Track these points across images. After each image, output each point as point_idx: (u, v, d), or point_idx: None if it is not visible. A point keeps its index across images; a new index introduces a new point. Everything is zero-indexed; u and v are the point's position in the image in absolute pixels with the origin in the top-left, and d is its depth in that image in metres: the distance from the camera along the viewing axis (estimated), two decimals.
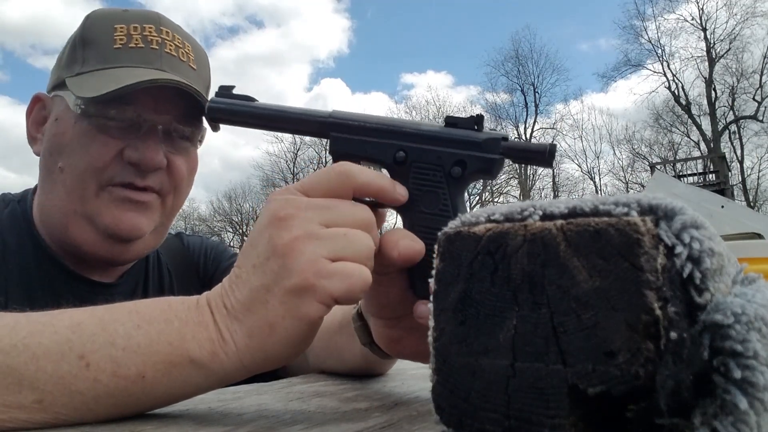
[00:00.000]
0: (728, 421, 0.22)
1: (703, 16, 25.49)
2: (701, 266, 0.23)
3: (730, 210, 3.97)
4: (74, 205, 0.73)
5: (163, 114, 0.74)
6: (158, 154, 0.73)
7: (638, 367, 0.22)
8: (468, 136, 0.49)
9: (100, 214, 0.72)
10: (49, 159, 0.75)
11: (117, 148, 0.72)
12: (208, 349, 0.40)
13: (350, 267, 0.40)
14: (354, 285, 0.40)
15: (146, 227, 0.75)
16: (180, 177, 0.77)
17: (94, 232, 0.73)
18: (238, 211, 28.82)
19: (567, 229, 0.24)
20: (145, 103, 0.72)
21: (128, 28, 0.75)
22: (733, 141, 24.87)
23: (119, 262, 0.79)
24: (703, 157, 23.94)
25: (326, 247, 0.40)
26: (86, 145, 0.72)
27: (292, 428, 0.39)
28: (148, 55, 0.74)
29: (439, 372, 0.27)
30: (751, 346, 0.22)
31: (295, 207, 0.42)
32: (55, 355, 0.38)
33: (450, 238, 0.28)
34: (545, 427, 0.23)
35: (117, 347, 0.39)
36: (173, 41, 0.77)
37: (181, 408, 0.46)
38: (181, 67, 0.76)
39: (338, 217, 0.42)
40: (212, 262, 0.95)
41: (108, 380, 0.38)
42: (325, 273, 0.39)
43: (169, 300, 0.43)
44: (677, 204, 0.24)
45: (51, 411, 0.38)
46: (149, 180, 0.74)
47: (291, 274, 0.39)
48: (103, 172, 0.72)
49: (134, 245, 0.76)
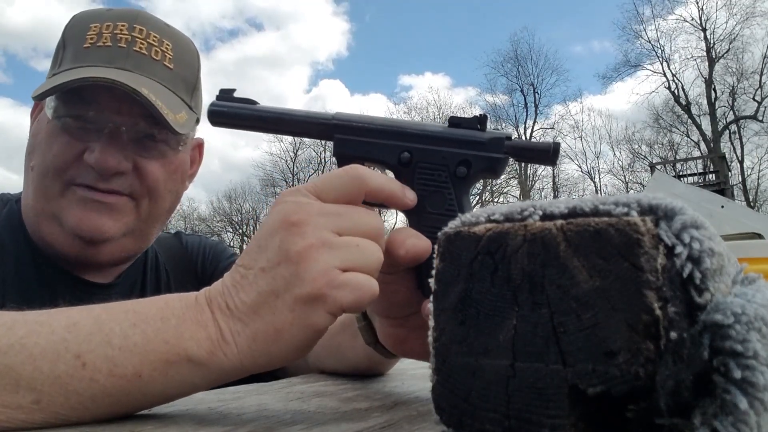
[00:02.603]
0: (728, 421, 0.22)
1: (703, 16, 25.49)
2: (701, 266, 0.23)
3: (730, 210, 3.97)
4: (41, 204, 0.72)
5: (126, 116, 0.72)
6: (115, 158, 0.70)
7: (638, 367, 0.22)
8: (472, 135, 0.50)
9: (64, 214, 0.71)
10: (27, 159, 0.75)
11: (78, 149, 0.71)
12: (206, 348, 0.40)
13: (361, 279, 0.40)
14: (363, 296, 0.40)
15: (111, 229, 0.73)
16: (153, 181, 0.75)
17: (62, 232, 0.72)
18: (238, 211, 28.82)
19: (567, 229, 0.24)
20: (107, 104, 0.71)
21: (101, 27, 0.73)
22: (733, 141, 24.87)
23: (93, 264, 0.77)
24: (703, 157, 23.94)
25: (339, 257, 0.40)
26: (51, 145, 0.71)
27: (292, 428, 0.39)
28: (112, 54, 0.72)
29: (439, 372, 0.27)
30: (751, 346, 0.22)
31: (307, 212, 0.41)
32: (52, 355, 0.38)
33: (450, 238, 0.28)
34: (545, 427, 0.23)
35: (113, 346, 0.39)
36: (146, 39, 0.75)
37: (181, 408, 0.46)
38: (151, 66, 0.74)
39: (351, 225, 0.42)
40: (211, 262, 0.94)
41: (105, 380, 0.38)
42: (336, 283, 0.39)
43: (167, 298, 0.42)
44: (677, 204, 0.24)
45: (49, 411, 0.38)
46: (113, 183, 0.72)
47: (303, 282, 0.39)
48: (65, 171, 0.71)
49: (105, 247, 0.74)
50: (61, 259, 0.77)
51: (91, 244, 0.73)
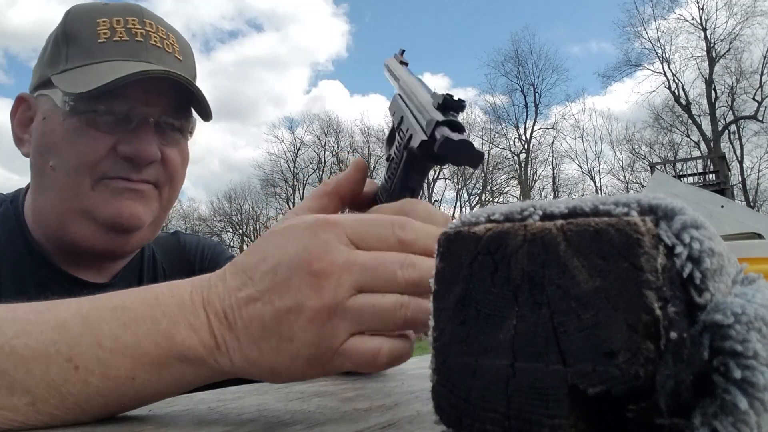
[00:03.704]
0: (728, 421, 0.22)
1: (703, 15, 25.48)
2: (701, 266, 0.23)
3: (730, 210, 3.96)
4: (69, 203, 0.72)
5: (153, 106, 0.73)
6: (152, 147, 0.72)
7: (638, 367, 0.22)
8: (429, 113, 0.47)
9: (99, 207, 0.72)
10: (40, 159, 0.74)
11: (109, 143, 0.71)
12: (199, 353, 0.39)
13: (369, 345, 0.38)
14: (365, 364, 0.39)
15: (146, 216, 0.75)
16: (174, 169, 0.77)
17: (94, 226, 0.72)
18: (238, 211, 28.83)
19: (567, 229, 0.24)
20: (135, 96, 0.72)
21: (111, 22, 0.74)
22: (733, 141, 24.88)
23: (118, 255, 0.79)
24: (703, 157, 23.94)
25: (355, 324, 0.38)
26: (76, 142, 0.71)
27: (292, 428, 0.39)
28: (133, 48, 0.73)
29: (439, 372, 0.27)
30: (751, 346, 0.22)
31: (333, 262, 0.37)
32: (43, 358, 0.38)
33: (450, 238, 0.28)
34: (545, 427, 0.23)
35: (104, 349, 0.38)
36: (157, 33, 0.76)
37: (181, 408, 0.46)
38: (168, 59, 0.76)
39: (380, 285, 0.38)
40: (209, 262, 0.94)
41: (98, 382, 0.38)
42: (340, 350, 0.38)
43: (157, 292, 0.41)
44: (677, 204, 0.24)
45: (45, 412, 0.38)
46: (144, 174, 0.74)
47: (309, 345, 0.38)
48: (96, 167, 0.71)
49: (133, 236, 0.76)
50: (61, 259, 0.77)
51: (123, 233, 0.74)
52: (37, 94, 0.76)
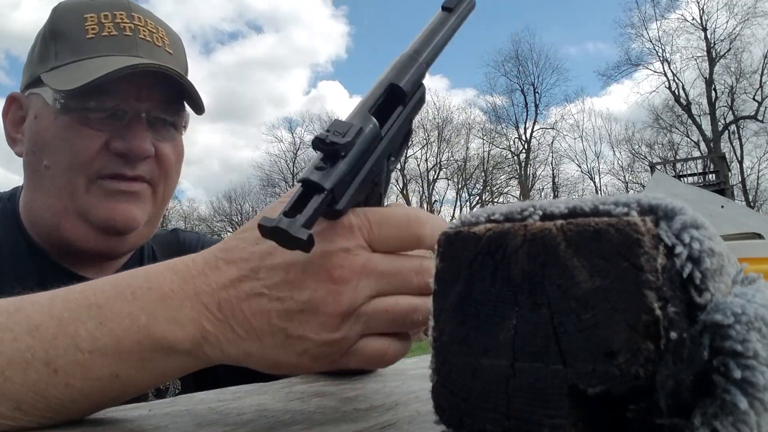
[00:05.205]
0: (728, 421, 0.22)
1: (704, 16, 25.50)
2: (701, 266, 0.23)
3: (730, 210, 3.97)
4: (64, 202, 0.71)
5: (145, 101, 0.72)
6: (145, 142, 0.71)
7: (638, 367, 0.22)
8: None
9: (92, 209, 0.71)
10: (33, 158, 0.73)
11: (102, 140, 0.70)
12: (184, 347, 0.38)
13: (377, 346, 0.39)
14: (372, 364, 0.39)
15: (140, 218, 0.74)
16: (168, 164, 0.76)
17: (88, 227, 0.72)
18: (238, 211, 28.83)
19: (567, 229, 0.24)
20: (126, 92, 0.71)
21: (99, 17, 0.73)
22: (733, 141, 24.89)
23: (114, 256, 0.78)
24: (703, 157, 23.95)
25: (367, 327, 0.38)
26: (69, 140, 0.70)
27: (292, 428, 0.39)
28: (123, 43, 0.72)
29: (439, 372, 0.27)
30: (751, 346, 0.22)
31: (351, 268, 0.37)
32: (20, 365, 0.36)
33: (450, 238, 0.28)
34: (545, 427, 0.23)
35: (83, 351, 0.37)
36: (146, 27, 0.75)
37: (181, 408, 0.46)
38: (158, 52, 0.75)
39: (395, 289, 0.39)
40: None
41: (81, 384, 0.37)
42: (351, 350, 0.38)
43: (133, 286, 0.39)
44: (677, 204, 0.24)
45: (33, 415, 0.37)
46: (139, 170, 0.73)
47: (320, 344, 0.37)
48: (90, 165, 0.70)
49: (129, 237, 0.75)
50: (60, 257, 0.76)
51: (117, 235, 0.73)
52: (28, 93, 0.75)
